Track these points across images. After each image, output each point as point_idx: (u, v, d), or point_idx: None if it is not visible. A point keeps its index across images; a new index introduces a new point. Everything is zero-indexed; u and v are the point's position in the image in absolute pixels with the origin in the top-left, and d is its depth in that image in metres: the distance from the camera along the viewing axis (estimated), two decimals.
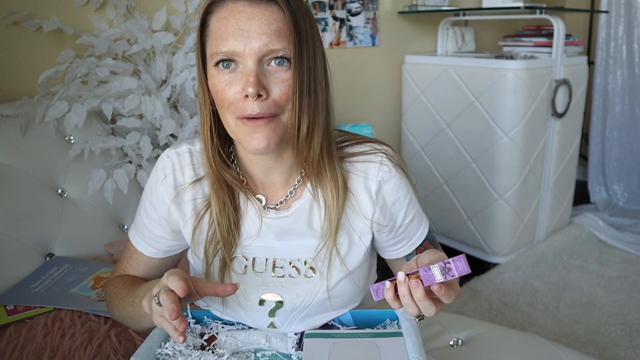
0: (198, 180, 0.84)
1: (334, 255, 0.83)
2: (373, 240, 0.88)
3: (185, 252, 0.94)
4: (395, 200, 0.85)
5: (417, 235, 0.90)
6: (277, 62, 0.71)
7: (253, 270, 0.84)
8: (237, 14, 0.70)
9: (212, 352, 0.81)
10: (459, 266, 0.62)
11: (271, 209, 0.84)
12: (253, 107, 0.70)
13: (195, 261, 0.88)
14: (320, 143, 0.77)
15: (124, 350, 1.02)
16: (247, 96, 0.70)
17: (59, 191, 1.39)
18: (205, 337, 0.85)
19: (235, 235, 0.83)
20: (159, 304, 0.67)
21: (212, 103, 0.77)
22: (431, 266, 0.64)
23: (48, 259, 1.31)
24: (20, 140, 1.33)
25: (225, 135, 0.80)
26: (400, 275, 0.66)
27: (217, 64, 0.72)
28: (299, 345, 0.83)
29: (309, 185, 0.84)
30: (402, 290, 0.65)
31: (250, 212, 0.84)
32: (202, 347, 0.83)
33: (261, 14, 0.69)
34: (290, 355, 0.81)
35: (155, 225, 0.87)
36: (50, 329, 1.05)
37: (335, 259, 0.83)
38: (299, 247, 0.84)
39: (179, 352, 0.80)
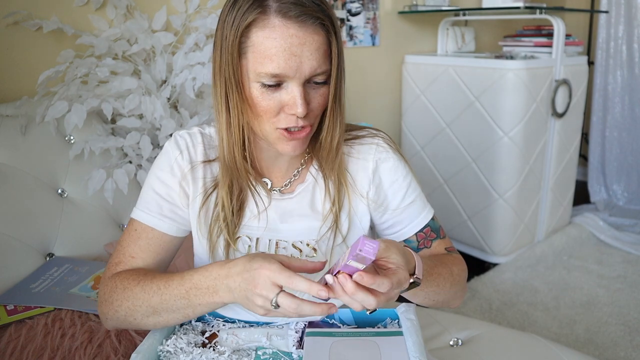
0: (209, 161, 0.87)
1: (337, 235, 0.85)
2: (373, 222, 0.91)
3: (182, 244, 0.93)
4: (393, 180, 0.88)
5: (418, 219, 0.90)
6: (317, 79, 0.74)
7: (256, 250, 0.86)
8: (289, 37, 0.70)
9: (213, 350, 0.81)
10: (364, 245, 0.61)
11: (275, 191, 0.88)
12: (297, 121, 0.75)
13: (200, 240, 0.88)
14: (342, 145, 0.84)
15: (124, 350, 1.01)
16: (293, 113, 0.74)
17: (59, 191, 1.38)
18: (207, 334, 0.85)
19: (239, 216, 0.86)
20: (277, 306, 0.67)
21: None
22: (347, 258, 0.63)
23: (48, 259, 1.31)
24: (20, 140, 1.33)
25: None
26: (329, 278, 0.66)
27: (262, 83, 0.73)
28: (300, 343, 0.83)
29: (312, 168, 0.88)
30: (337, 290, 0.65)
31: (255, 194, 0.87)
32: (203, 345, 0.83)
33: (311, 39, 0.71)
34: (291, 353, 0.81)
35: (173, 196, 0.86)
36: (50, 329, 1.04)
37: (338, 239, 0.86)
38: (302, 229, 0.86)
39: (180, 349, 0.80)
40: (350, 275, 0.64)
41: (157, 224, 0.87)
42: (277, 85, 0.73)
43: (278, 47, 0.70)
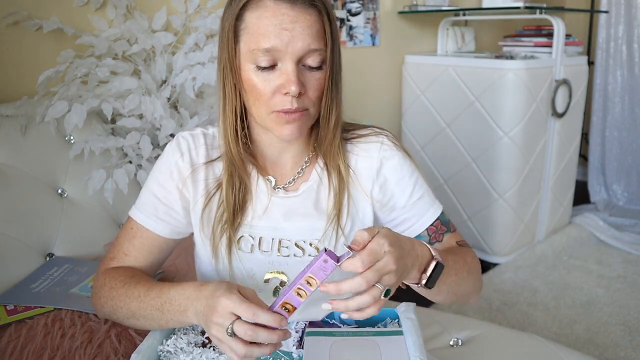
0: (210, 162, 0.87)
1: (339, 235, 0.85)
2: (378, 221, 0.91)
3: (177, 244, 0.94)
4: (400, 178, 0.88)
5: (428, 215, 0.90)
6: (311, 61, 0.75)
7: (259, 249, 0.86)
8: (280, 15, 0.73)
9: (214, 350, 0.81)
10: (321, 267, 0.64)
11: (280, 189, 0.88)
12: (292, 102, 0.75)
13: (204, 241, 0.88)
14: (340, 130, 0.84)
15: (124, 350, 1.01)
16: (286, 93, 0.74)
17: (59, 191, 1.38)
18: (207, 334, 0.85)
19: (242, 213, 0.86)
20: (232, 334, 0.67)
21: (239, 88, 0.81)
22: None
23: (48, 259, 1.31)
24: (20, 140, 1.33)
25: (246, 119, 0.85)
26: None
27: (256, 62, 0.75)
28: (300, 343, 0.83)
29: (317, 166, 0.88)
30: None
31: (259, 192, 0.87)
32: (204, 345, 0.83)
33: (303, 18, 0.73)
34: (291, 353, 0.81)
35: (170, 199, 0.87)
36: (50, 329, 1.04)
37: (340, 239, 0.86)
38: (305, 228, 0.86)
39: (181, 349, 0.80)
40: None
41: (152, 225, 0.88)
42: (272, 67, 0.75)
43: (269, 24, 0.73)
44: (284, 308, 0.68)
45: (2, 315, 1.09)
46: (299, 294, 0.66)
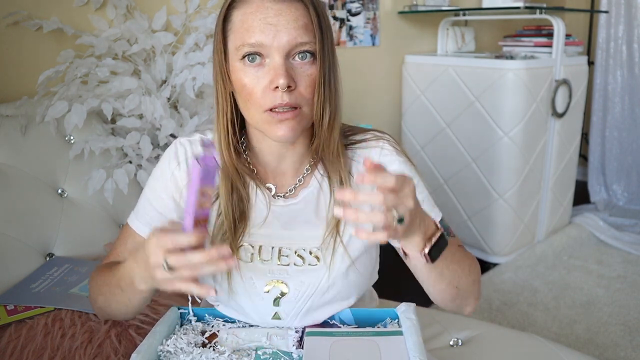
0: None
1: (337, 243, 0.84)
2: None
3: None
4: None
5: None
6: (301, 56, 0.74)
7: (259, 258, 0.86)
8: (265, 10, 0.73)
9: (213, 350, 0.81)
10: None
11: (280, 197, 0.87)
12: (283, 97, 0.73)
13: None
14: (338, 132, 0.82)
15: (124, 350, 1.01)
16: (276, 88, 0.73)
17: (59, 191, 1.38)
18: (207, 334, 0.85)
19: (242, 223, 0.85)
20: (170, 268, 0.66)
21: (231, 94, 0.81)
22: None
23: (48, 259, 1.31)
24: (20, 140, 1.33)
25: (238, 127, 0.84)
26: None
27: (243, 57, 0.74)
28: (300, 343, 0.83)
29: (317, 173, 0.87)
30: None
31: (258, 201, 0.86)
32: (203, 345, 0.83)
33: (288, 11, 0.73)
34: (291, 353, 0.81)
35: (165, 209, 0.87)
36: (50, 329, 1.04)
37: (339, 247, 0.84)
38: (305, 236, 0.85)
39: (181, 349, 0.80)
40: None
41: (145, 231, 0.89)
42: (259, 62, 0.74)
43: (254, 19, 0.73)
44: (198, 225, 0.68)
45: (2, 315, 1.09)
46: (202, 206, 0.66)
